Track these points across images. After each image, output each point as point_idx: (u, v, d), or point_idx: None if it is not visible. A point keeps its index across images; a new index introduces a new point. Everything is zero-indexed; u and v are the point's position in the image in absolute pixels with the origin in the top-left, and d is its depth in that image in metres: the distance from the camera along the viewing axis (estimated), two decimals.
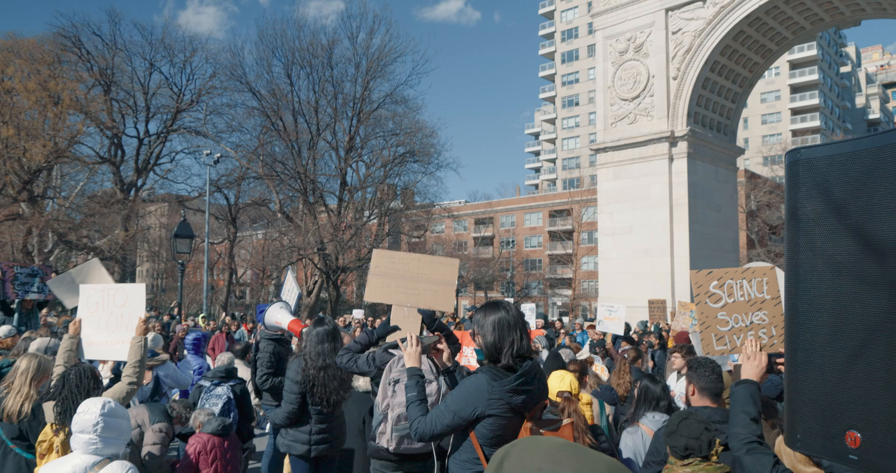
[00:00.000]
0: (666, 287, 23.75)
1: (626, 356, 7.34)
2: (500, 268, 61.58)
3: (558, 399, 4.14)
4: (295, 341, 6.44)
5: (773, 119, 70.66)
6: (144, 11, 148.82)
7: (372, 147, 39.20)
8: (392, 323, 4.32)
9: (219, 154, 30.68)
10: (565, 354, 7.16)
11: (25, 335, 7.11)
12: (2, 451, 4.33)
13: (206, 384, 6.34)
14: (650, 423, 4.37)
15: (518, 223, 67.87)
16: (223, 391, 6.25)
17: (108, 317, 4.62)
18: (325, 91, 37.20)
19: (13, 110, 30.71)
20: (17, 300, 8.56)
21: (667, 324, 16.14)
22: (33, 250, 33.54)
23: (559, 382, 4.76)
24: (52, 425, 3.84)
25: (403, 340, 3.51)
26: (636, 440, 4.39)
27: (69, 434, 3.57)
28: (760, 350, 3.00)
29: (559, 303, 62.07)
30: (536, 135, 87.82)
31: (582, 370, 5.72)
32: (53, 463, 3.52)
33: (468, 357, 7.57)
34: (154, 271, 56.97)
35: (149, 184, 39.50)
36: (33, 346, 5.64)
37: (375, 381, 5.18)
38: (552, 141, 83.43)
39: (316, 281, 37.03)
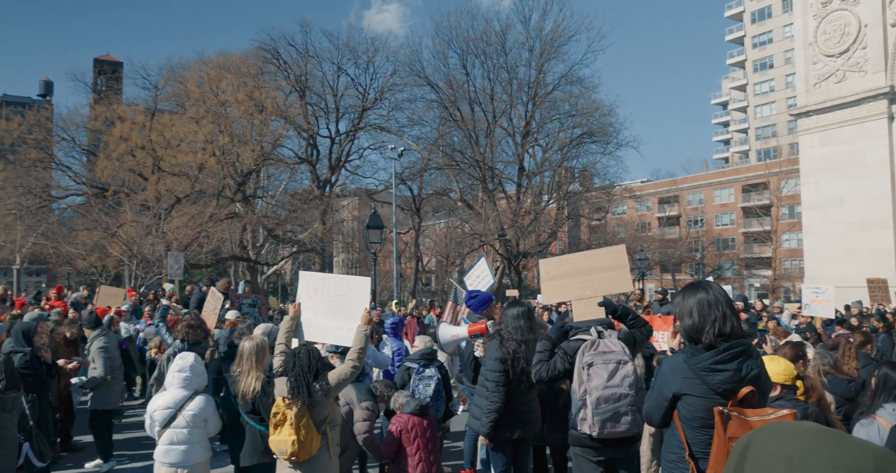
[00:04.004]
0: (888, 265, 20.90)
1: (850, 340, 6.53)
2: (689, 249, 58.15)
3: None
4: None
5: None
6: (332, 16, 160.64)
7: (548, 131, 38.85)
8: (576, 318, 4.33)
9: (402, 148, 32.19)
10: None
11: (248, 322, 8.00)
12: (239, 424, 4.92)
13: (414, 365, 6.64)
14: (889, 415, 3.84)
15: (707, 200, 63.56)
16: (433, 372, 6.51)
17: (328, 304, 4.85)
18: (500, 78, 37.44)
19: (227, 120, 34.57)
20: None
21: (891, 305, 14.25)
22: (248, 244, 37.63)
23: (772, 368, 4.34)
24: (283, 399, 4.21)
25: (600, 324, 3.42)
26: (871, 433, 3.88)
27: (301, 407, 4.00)
28: None
29: (757, 285, 57.25)
30: (724, 104, 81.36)
31: (799, 355, 5.16)
32: (160, 396, 4.91)
33: (659, 342, 7.27)
34: (348, 261, 61.25)
35: (341, 180, 42.42)
36: (258, 330, 6.32)
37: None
38: (743, 109, 76.76)
39: (497, 267, 37.61)
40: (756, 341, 8.10)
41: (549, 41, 36.76)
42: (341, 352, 5.88)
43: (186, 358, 5.04)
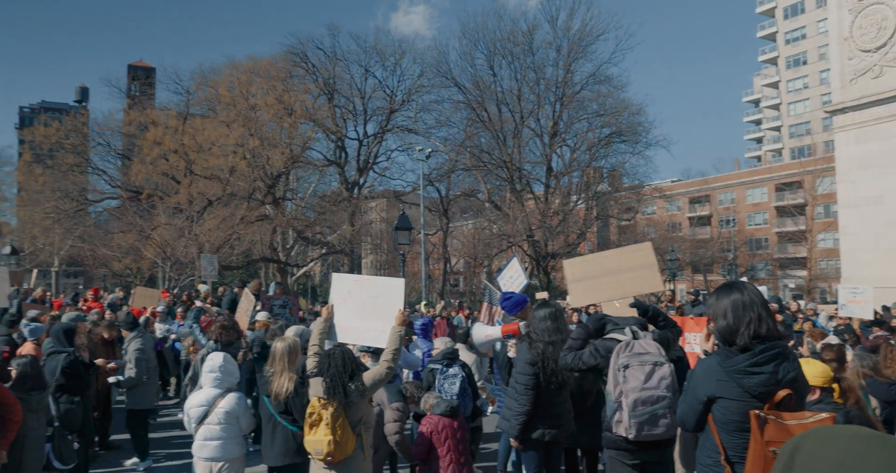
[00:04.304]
0: None
1: (892, 342, 6.36)
2: (720, 249, 57.20)
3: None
4: None
5: None
6: (360, 19, 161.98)
7: (576, 131, 38.59)
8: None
9: (430, 149, 32.25)
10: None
11: (280, 324, 8.10)
12: (272, 424, 4.97)
13: (437, 366, 6.66)
14: None
15: (739, 200, 62.50)
16: (457, 370, 6.53)
17: (361, 305, 4.83)
18: (527, 78, 37.31)
19: (257, 124, 35.02)
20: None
21: None
22: (278, 246, 38.06)
23: (809, 371, 4.26)
24: (319, 399, 4.24)
25: (631, 323, 3.39)
26: None
27: (337, 407, 4.04)
28: None
29: (791, 285, 56.11)
30: (756, 102, 79.93)
31: (841, 358, 5.04)
32: (194, 394, 5.14)
33: (691, 344, 7.17)
34: (376, 263, 61.53)
35: (369, 182, 42.67)
36: (290, 331, 6.38)
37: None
38: (776, 107, 75.31)
39: (526, 268, 37.43)
40: (792, 342, 7.96)
41: (577, 40, 36.53)
42: (373, 352, 5.92)
43: (216, 359, 5.24)
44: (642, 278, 4.42)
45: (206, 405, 5.03)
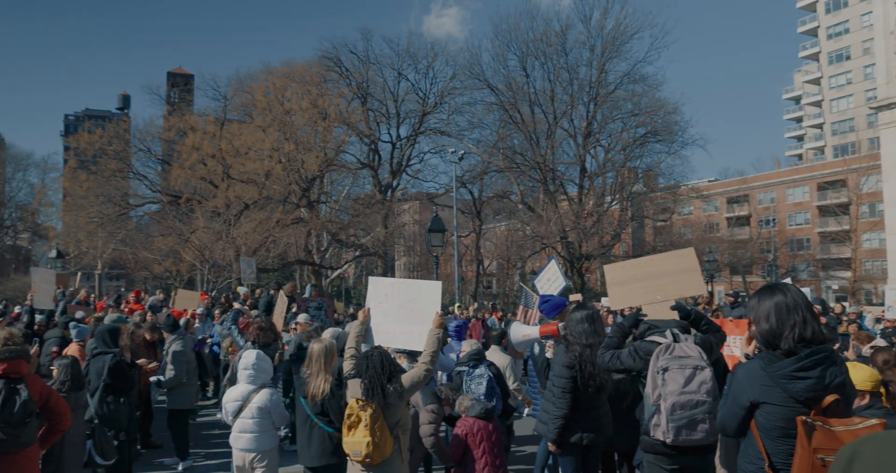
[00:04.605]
0: None
1: None
2: (760, 249, 56.01)
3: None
4: None
5: None
6: (393, 23, 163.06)
7: (610, 131, 38.24)
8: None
9: (462, 151, 32.23)
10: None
11: (316, 325, 8.17)
12: (308, 425, 5.01)
13: (464, 368, 6.65)
14: None
15: (779, 199, 61.08)
16: (483, 370, 6.51)
17: (398, 309, 4.86)
18: (561, 78, 37.09)
19: (292, 128, 35.49)
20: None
21: None
22: (312, 249, 38.47)
23: (857, 375, 4.13)
24: (357, 400, 4.25)
25: (673, 326, 3.33)
26: None
27: (376, 408, 4.06)
28: None
29: (835, 286, 54.60)
30: (797, 99, 78.03)
31: (893, 361, 4.86)
32: (231, 389, 5.43)
33: (730, 347, 7.02)
34: (410, 265, 61.76)
35: (402, 184, 42.88)
36: (327, 333, 6.44)
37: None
38: (817, 104, 73.42)
39: (561, 270, 37.15)
40: (837, 346, 7.73)
41: (611, 40, 36.20)
42: (409, 353, 5.93)
43: (249, 356, 5.53)
44: (684, 282, 4.37)
45: (241, 399, 5.33)
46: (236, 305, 12.71)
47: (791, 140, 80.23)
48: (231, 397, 5.42)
